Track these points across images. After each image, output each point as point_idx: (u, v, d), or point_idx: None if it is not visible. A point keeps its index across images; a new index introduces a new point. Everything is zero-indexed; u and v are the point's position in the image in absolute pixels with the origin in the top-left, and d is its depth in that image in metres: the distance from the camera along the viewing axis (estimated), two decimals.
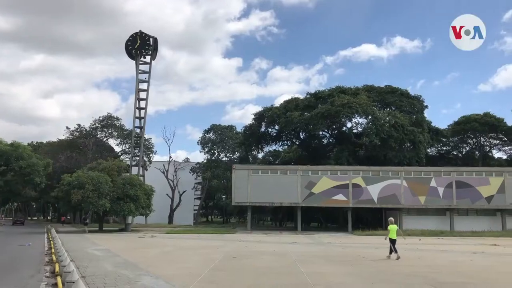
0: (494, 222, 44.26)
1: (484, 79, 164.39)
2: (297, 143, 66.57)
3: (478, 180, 45.40)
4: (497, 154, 71.66)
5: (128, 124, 68.50)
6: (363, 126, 57.37)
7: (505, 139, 68.05)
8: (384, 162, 51.25)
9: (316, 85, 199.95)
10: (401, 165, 50.36)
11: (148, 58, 54.59)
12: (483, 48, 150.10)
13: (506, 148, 71.20)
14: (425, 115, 62.04)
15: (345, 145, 55.85)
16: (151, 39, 54.18)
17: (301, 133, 62.58)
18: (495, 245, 27.46)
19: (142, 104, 53.79)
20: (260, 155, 76.08)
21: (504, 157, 70.88)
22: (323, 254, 21.39)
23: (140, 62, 53.97)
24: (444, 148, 71.45)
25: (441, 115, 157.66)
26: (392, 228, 18.71)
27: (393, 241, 18.38)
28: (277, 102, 74.03)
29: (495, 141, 70.05)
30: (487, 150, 70.36)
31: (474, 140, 69.15)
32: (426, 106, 62.50)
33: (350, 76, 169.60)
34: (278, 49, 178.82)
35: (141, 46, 53.77)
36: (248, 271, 14.56)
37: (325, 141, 65.32)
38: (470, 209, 45.61)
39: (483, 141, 69.37)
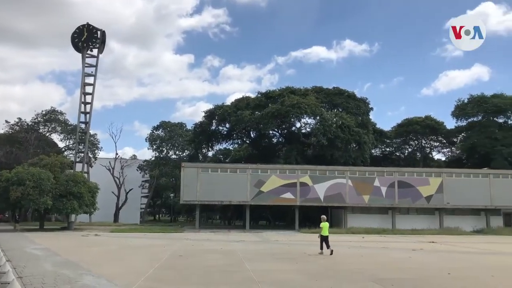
0: (433, 220, 46.39)
1: (427, 83, 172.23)
2: (247, 141, 66.93)
3: (419, 181, 47.43)
4: (436, 155, 75.62)
5: (72, 119, 65.84)
6: (311, 126, 58.74)
7: (444, 141, 71.84)
8: (331, 161, 52.48)
9: (267, 85, 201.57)
10: (346, 164, 51.79)
11: (95, 52, 52.77)
12: (426, 54, 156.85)
13: (445, 150, 75.24)
14: (371, 117, 64.72)
15: (294, 145, 56.87)
16: (98, 32, 52.46)
17: (251, 132, 62.96)
18: (433, 242, 28.84)
19: (88, 98, 51.99)
20: (210, 153, 75.81)
21: (443, 158, 74.92)
22: (269, 252, 21.69)
23: (87, 55, 52.12)
24: (388, 149, 74.31)
25: (385, 117, 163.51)
26: (324, 225, 19.84)
27: (325, 238, 19.47)
28: (229, 101, 74.16)
29: (435, 143, 73.76)
30: (427, 151, 73.87)
31: (416, 142, 72.41)
32: (372, 108, 65.22)
33: (301, 77, 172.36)
34: (231, 47, 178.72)
35: (88, 38, 51.92)
36: (194, 269, 14.49)
37: (275, 140, 66.21)
38: (411, 208, 47.56)
39: (424, 143, 72.75)
